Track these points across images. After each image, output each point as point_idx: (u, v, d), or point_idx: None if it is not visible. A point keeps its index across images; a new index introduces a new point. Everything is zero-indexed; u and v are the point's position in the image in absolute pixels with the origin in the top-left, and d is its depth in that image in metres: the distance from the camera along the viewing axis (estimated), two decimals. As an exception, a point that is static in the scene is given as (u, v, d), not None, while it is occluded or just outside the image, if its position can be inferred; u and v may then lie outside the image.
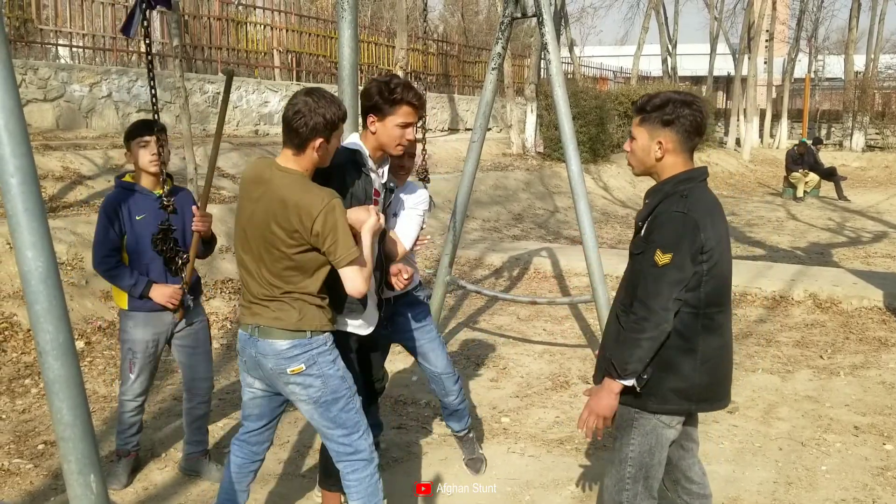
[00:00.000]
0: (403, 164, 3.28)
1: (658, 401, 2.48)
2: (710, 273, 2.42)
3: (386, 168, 3.03)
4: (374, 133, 2.92)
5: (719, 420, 4.45)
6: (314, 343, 2.68)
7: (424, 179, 4.05)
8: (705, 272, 2.41)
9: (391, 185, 3.06)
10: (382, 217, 2.77)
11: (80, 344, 5.34)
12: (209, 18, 13.74)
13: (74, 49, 11.82)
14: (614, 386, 2.44)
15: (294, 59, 15.26)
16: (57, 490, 3.62)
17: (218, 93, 12.52)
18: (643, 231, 2.50)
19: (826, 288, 7.07)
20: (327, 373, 2.70)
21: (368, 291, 2.96)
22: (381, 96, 2.86)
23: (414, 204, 3.30)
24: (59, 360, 1.90)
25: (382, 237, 3.05)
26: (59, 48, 11.79)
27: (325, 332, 2.72)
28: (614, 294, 2.81)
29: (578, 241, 10.53)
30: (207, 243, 3.65)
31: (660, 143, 2.48)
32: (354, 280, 2.57)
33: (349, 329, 3.01)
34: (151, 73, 3.54)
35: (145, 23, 3.53)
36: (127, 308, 3.52)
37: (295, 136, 2.57)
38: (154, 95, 3.55)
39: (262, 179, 2.61)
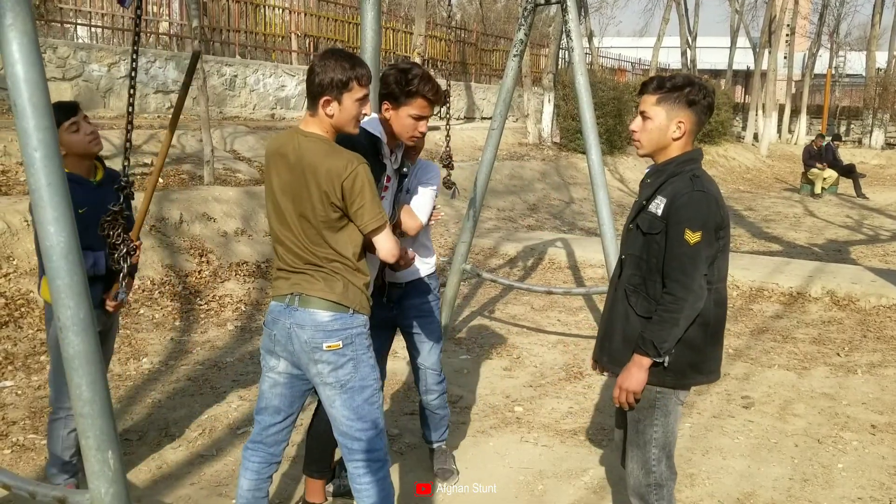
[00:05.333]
0: (415, 144, 3.20)
1: (678, 376, 2.51)
2: (723, 249, 2.48)
3: (400, 153, 3.00)
4: (386, 120, 2.89)
5: (735, 415, 4.42)
6: (355, 321, 2.57)
7: (448, 166, 4.02)
8: (720, 248, 2.46)
9: (404, 170, 3.03)
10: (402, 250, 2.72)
11: (95, 322, 5.35)
12: (227, 1, 13.72)
13: (93, 29, 11.84)
14: (644, 361, 2.48)
15: (312, 43, 15.22)
16: (71, 466, 3.63)
17: (235, 76, 12.52)
18: (659, 211, 2.46)
19: (844, 285, 7.00)
20: (361, 357, 2.58)
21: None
22: (399, 85, 2.82)
23: (427, 179, 3.27)
24: (80, 336, 1.90)
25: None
26: (78, 28, 11.82)
27: (363, 314, 2.61)
28: None
29: (593, 232, 10.52)
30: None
31: (680, 123, 2.48)
32: (385, 243, 2.54)
33: None
34: (135, 48, 3.00)
35: None
36: None
37: (308, 94, 2.54)
38: (134, 69, 2.96)
39: (288, 149, 2.55)
